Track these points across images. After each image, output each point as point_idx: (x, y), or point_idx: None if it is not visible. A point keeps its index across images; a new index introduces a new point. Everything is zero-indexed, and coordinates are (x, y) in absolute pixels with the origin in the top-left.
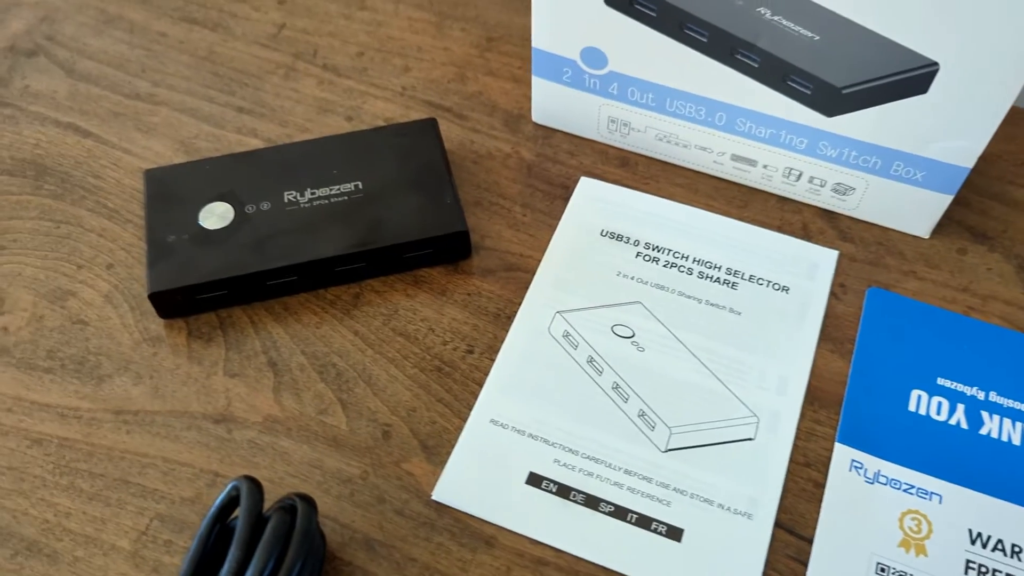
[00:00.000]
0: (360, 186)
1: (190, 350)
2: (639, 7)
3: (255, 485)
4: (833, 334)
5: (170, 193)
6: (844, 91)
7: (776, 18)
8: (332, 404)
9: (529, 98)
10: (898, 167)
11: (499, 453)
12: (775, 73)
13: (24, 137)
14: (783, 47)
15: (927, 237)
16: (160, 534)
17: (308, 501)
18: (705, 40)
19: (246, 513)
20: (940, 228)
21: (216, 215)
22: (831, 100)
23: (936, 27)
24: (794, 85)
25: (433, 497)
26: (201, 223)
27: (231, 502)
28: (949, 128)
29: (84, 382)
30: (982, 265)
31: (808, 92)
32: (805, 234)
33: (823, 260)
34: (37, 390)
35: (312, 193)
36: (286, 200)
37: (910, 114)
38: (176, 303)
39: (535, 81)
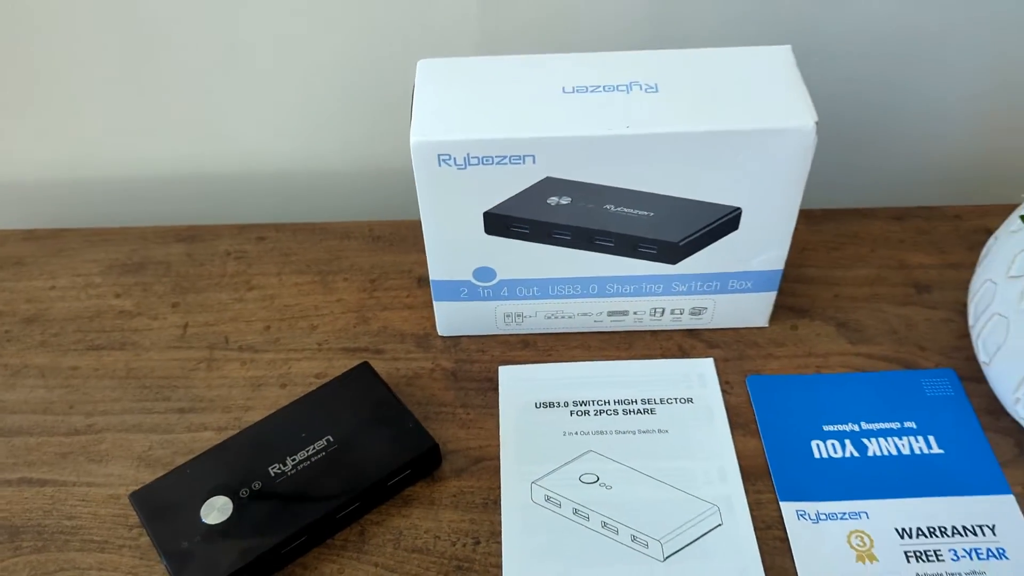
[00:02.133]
0: (331, 439)
1: None
2: (515, 229)
3: None
4: (738, 421)
5: (164, 506)
6: (680, 243)
7: (619, 208)
8: None
9: (427, 317)
10: (732, 283)
11: None
12: (627, 246)
13: None
14: (628, 226)
15: (768, 325)
16: None
17: None
18: (569, 238)
19: None
20: (774, 316)
21: (216, 509)
22: (672, 253)
23: (730, 186)
24: (643, 249)
25: None
26: (205, 521)
27: None
28: (760, 247)
29: None
30: (812, 333)
31: (654, 252)
32: (682, 353)
33: (705, 369)
34: None
35: (293, 460)
36: (273, 474)
37: (731, 245)
38: None
39: (436, 304)
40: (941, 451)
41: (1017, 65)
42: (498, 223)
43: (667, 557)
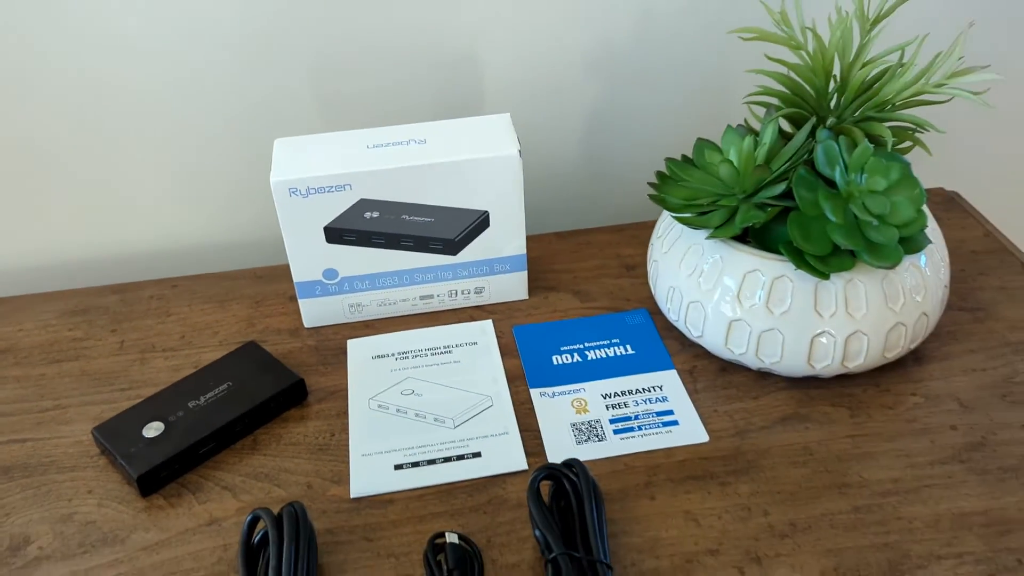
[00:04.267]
0: (230, 384)
1: (171, 505)
2: (346, 237)
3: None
4: (506, 352)
5: (117, 432)
6: (456, 239)
7: (412, 218)
8: (270, 486)
9: (296, 319)
10: (497, 266)
11: (372, 466)
12: (421, 245)
13: None
14: (420, 229)
15: (528, 297)
16: None
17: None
18: (383, 241)
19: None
20: (532, 292)
21: (153, 428)
22: (452, 246)
23: (479, 196)
24: (432, 246)
25: (352, 495)
26: (146, 436)
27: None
28: (507, 239)
29: (113, 546)
30: (557, 299)
31: (440, 247)
32: (472, 320)
33: (486, 326)
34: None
35: (204, 397)
36: (191, 407)
37: (490, 238)
38: (153, 482)
39: (300, 301)
40: (634, 352)
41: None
42: (334, 234)
43: (457, 426)
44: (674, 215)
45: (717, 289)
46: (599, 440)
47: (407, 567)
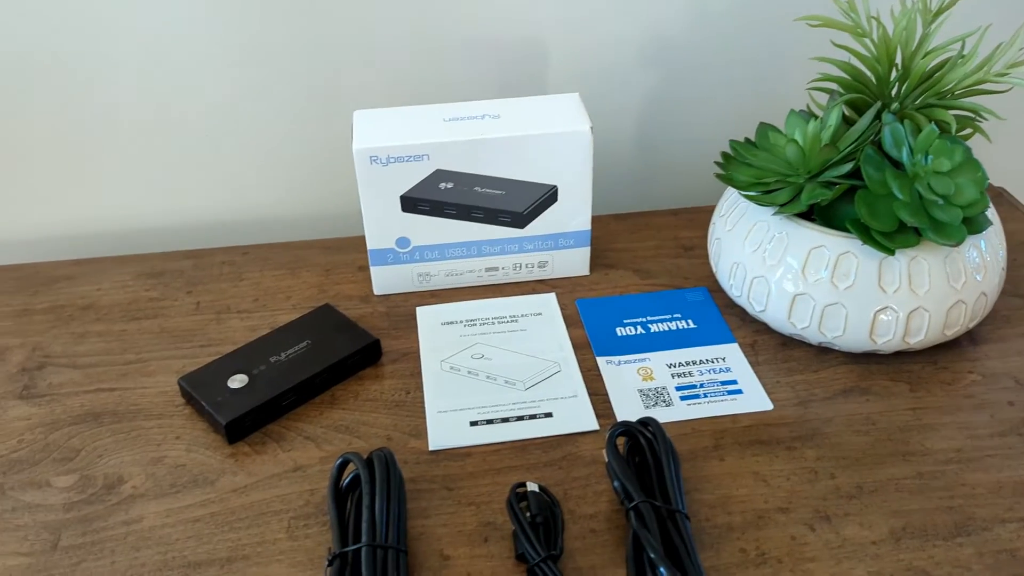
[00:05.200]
0: (309, 343)
1: (256, 452)
2: (420, 207)
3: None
4: (570, 322)
5: (203, 382)
6: (524, 212)
7: (484, 190)
8: (351, 438)
9: (366, 288)
10: (561, 241)
11: (448, 422)
12: (490, 216)
13: (68, 406)
14: (491, 202)
15: (589, 273)
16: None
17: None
18: (455, 212)
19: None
20: (593, 269)
21: (237, 381)
22: (520, 220)
23: (549, 171)
24: (502, 218)
25: (431, 448)
26: (231, 387)
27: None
28: (573, 213)
29: (202, 487)
30: (618, 276)
31: (508, 220)
32: (535, 293)
33: (550, 299)
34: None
35: (285, 353)
36: (272, 362)
37: (556, 213)
38: (239, 429)
39: (373, 269)
40: (695, 326)
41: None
42: (409, 203)
43: (528, 388)
44: (742, 193)
45: (781, 265)
46: (666, 405)
47: (487, 514)
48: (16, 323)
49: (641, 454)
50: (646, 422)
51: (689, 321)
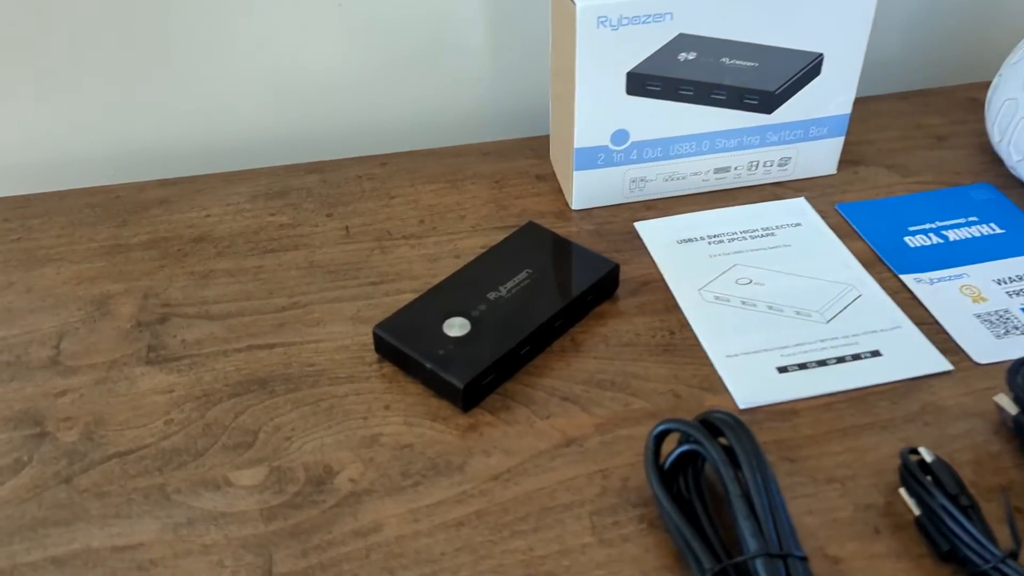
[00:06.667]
0: (530, 271)
1: (504, 422)
2: (649, 87)
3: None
4: (840, 232)
5: (409, 329)
6: (776, 91)
7: (733, 62)
8: (625, 397)
9: (556, 201)
10: (813, 130)
11: (748, 369)
12: (734, 98)
13: (218, 371)
14: (738, 78)
15: (836, 172)
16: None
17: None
18: (692, 93)
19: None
20: (837, 168)
21: (456, 326)
22: (770, 101)
23: (814, 35)
24: (748, 101)
25: (741, 407)
26: (450, 335)
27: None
28: (835, 91)
29: (452, 478)
30: (870, 174)
31: (756, 102)
32: (776, 199)
33: (801, 205)
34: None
35: (505, 287)
36: (492, 299)
37: (813, 91)
38: (475, 391)
39: (576, 174)
40: (1003, 230)
41: None
42: (637, 81)
43: (829, 320)
44: None
45: None
46: (1021, 333)
47: (860, 494)
48: (110, 263)
49: None
50: None
51: (992, 225)
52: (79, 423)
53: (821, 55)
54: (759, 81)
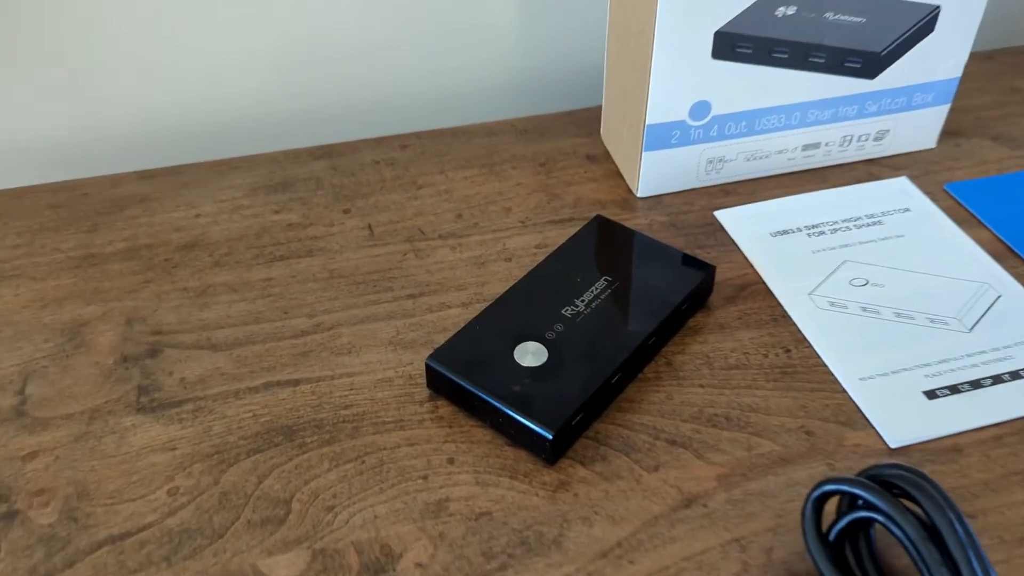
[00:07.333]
0: (609, 279)
1: (603, 477)
2: (739, 50)
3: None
4: (957, 218)
5: (471, 360)
6: (882, 53)
7: (837, 17)
8: (747, 437)
9: (616, 187)
10: (917, 97)
11: (889, 395)
12: (836, 61)
13: (231, 419)
14: (841, 38)
15: (935, 146)
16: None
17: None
18: (787, 56)
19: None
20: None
21: (530, 353)
22: (874, 64)
23: None
24: (849, 64)
25: (892, 446)
26: (523, 364)
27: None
28: (947, 51)
29: (549, 549)
30: (974, 147)
31: (859, 65)
32: (872, 178)
33: (904, 185)
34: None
35: (582, 300)
36: (569, 315)
37: (922, 52)
38: (563, 441)
39: (646, 156)
40: None
41: None
42: (725, 42)
43: (970, 328)
44: None
45: None
46: None
47: None
48: (81, 279)
49: None
50: None
51: None
52: (57, 497)
53: (938, 7)
54: (864, 41)
